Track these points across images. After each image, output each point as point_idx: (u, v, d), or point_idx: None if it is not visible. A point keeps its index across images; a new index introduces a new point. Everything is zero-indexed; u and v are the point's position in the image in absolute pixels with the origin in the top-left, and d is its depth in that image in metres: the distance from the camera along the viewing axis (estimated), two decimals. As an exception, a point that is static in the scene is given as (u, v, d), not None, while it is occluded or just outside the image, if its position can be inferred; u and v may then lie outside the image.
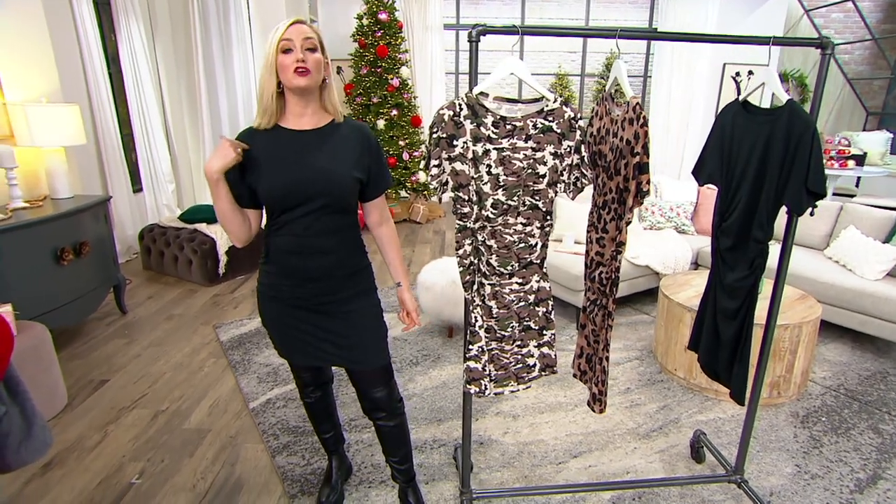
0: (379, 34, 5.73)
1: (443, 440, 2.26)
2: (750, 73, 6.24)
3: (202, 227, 4.07)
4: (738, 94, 6.27)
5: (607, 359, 1.61)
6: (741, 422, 1.96)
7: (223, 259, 3.99)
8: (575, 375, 1.81)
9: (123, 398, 2.57)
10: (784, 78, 6.80)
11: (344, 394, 2.57)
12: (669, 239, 3.85)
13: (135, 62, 4.54)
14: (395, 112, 5.87)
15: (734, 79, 6.29)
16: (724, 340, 1.75)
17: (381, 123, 5.82)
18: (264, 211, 1.53)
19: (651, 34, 1.44)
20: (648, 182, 1.32)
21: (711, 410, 2.48)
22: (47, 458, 2.15)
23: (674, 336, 2.71)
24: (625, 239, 1.48)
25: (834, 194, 5.55)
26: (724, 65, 6.38)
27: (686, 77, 6.49)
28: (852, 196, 5.81)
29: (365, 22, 5.75)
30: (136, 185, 4.75)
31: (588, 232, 1.66)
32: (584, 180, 1.48)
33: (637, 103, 1.32)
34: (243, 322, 3.37)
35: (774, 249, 3.34)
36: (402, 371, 2.81)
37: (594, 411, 1.66)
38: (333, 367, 1.89)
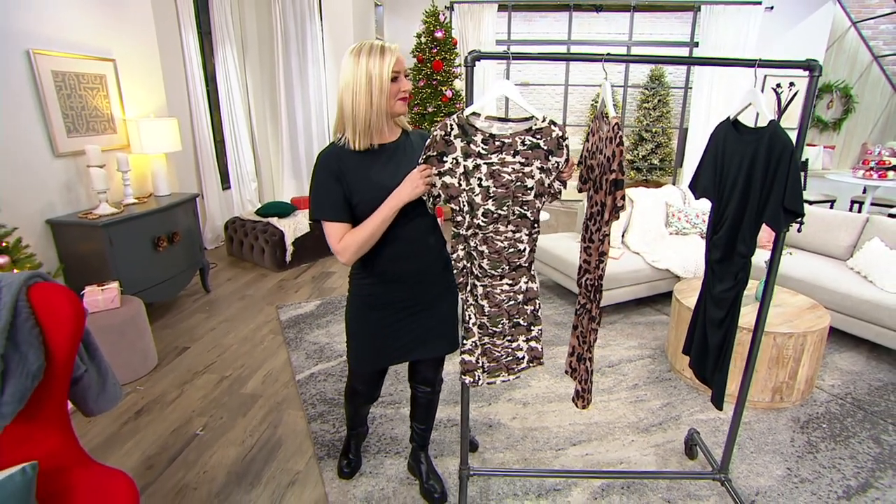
0: (435, 50, 5.77)
1: (457, 420, 2.27)
2: (791, 84, 5.74)
3: (274, 220, 4.28)
4: (779, 105, 5.80)
5: (591, 359, 1.57)
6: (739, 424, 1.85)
7: (290, 249, 4.18)
8: (567, 372, 1.77)
9: (198, 363, 2.77)
10: (828, 89, 6.20)
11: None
12: (692, 245, 3.65)
13: (228, 80, 4.83)
14: (447, 121, 5.91)
15: (775, 90, 5.81)
16: (711, 347, 1.65)
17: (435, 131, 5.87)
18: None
19: (635, 58, 1.37)
20: (623, 198, 1.27)
21: (712, 411, 2.34)
22: (139, 406, 2.37)
23: (683, 337, 2.57)
24: (607, 249, 1.44)
25: (873, 204, 5.02)
26: (766, 77, 5.90)
27: (726, 89, 6.06)
28: (893, 207, 5.23)
29: (423, 40, 5.81)
30: (226, 184, 5.06)
31: (581, 241, 1.62)
32: (552, 189, 1.43)
33: (616, 123, 1.27)
34: (301, 305, 3.53)
35: (797, 260, 3.07)
36: (430, 354, 2.85)
37: (577, 406, 1.62)
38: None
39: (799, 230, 1.41)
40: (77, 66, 3.00)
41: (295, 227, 4.26)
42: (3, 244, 2.23)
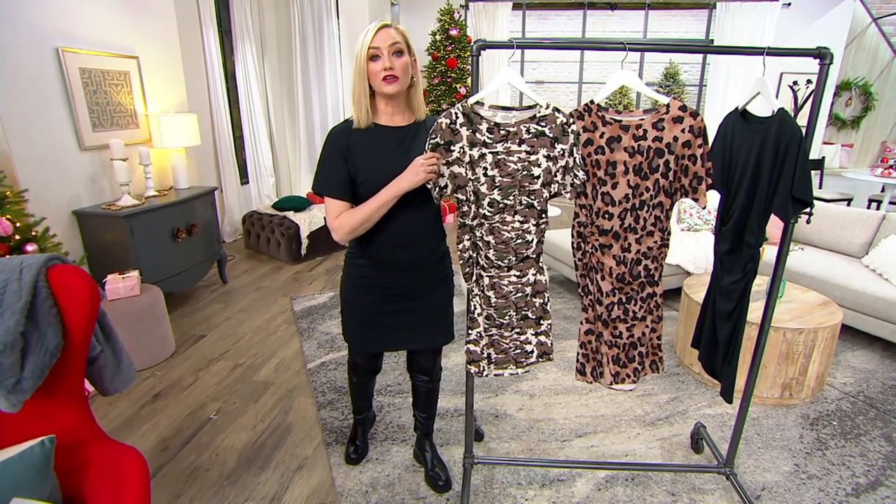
0: (450, 48, 5.75)
1: (463, 410, 2.26)
2: (808, 81, 5.59)
3: (290, 214, 4.32)
4: (796, 103, 5.64)
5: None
6: (747, 419, 1.81)
7: (305, 242, 4.21)
8: (612, 384, 1.63)
9: (214, 351, 2.81)
10: (847, 87, 6.02)
11: (384, 363, 2.64)
12: (703, 241, 3.58)
13: (247, 78, 4.88)
14: (461, 118, 5.89)
15: (791, 87, 5.66)
16: (720, 340, 1.62)
17: (448, 129, 5.86)
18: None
19: (650, 46, 1.34)
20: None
21: (720, 405, 2.30)
22: (157, 390, 2.42)
23: (692, 332, 2.52)
24: (670, 228, 1.42)
25: (891, 203, 4.87)
26: (781, 74, 5.75)
27: (742, 86, 5.93)
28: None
29: (438, 38, 5.79)
30: (244, 178, 5.12)
31: (619, 241, 1.46)
32: (576, 180, 1.41)
33: (682, 102, 1.26)
34: (314, 296, 3.56)
35: (811, 257, 3.00)
36: (439, 346, 2.85)
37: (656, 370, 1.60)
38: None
39: (808, 221, 1.37)
40: (102, 64, 3.06)
41: (310, 220, 4.29)
42: (32, 233, 2.29)
